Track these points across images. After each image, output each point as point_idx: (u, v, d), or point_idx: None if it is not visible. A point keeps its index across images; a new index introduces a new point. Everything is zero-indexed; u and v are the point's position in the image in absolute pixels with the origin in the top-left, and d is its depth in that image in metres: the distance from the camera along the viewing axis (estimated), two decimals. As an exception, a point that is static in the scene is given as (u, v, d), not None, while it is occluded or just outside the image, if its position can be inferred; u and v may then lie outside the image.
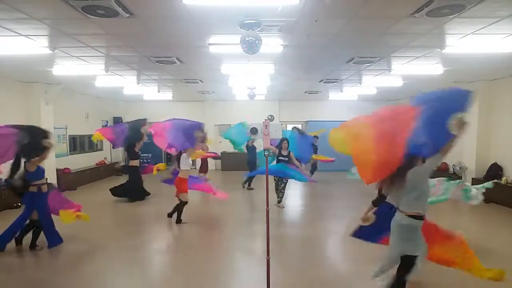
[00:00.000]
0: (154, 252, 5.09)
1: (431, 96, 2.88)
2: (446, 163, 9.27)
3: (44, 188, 4.89)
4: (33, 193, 4.76)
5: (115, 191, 8.16)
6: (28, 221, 4.87)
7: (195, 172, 8.09)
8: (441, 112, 2.74)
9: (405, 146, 2.73)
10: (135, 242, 5.41)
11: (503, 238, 5.60)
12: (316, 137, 10.07)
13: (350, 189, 9.27)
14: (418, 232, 2.97)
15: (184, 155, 6.14)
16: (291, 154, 7.09)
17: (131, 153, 8.10)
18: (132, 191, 8.10)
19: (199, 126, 6.62)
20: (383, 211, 3.36)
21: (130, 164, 8.24)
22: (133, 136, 7.90)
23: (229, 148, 11.69)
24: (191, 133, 6.30)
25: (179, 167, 6.14)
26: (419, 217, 2.92)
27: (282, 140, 7.10)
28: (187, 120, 6.81)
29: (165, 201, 7.97)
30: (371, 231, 3.61)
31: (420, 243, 2.98)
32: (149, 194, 8.40)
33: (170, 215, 6.35)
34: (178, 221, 6.18)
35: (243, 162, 10.22)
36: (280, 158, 7.11)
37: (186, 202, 6.22)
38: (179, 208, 6.20)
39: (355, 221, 5.92)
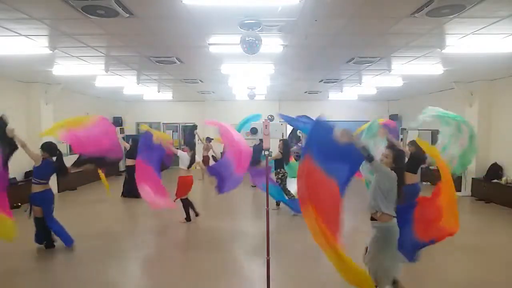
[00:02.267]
0: (154, 252, 5.10)
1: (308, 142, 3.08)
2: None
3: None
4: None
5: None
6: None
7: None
8: (322, 142, 2.90)
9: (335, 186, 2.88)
10: (135, 242, 5.42)
11: (503, 238, 5.60)
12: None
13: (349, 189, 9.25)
14: None
15: (183, 153, 6.15)
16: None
17: (128, 153, 8.19)
18: (128, 188, 8.25)
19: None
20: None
21: (126, 164, 8.33)
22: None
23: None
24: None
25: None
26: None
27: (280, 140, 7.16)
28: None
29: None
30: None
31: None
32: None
33: (187, 219, 6.35)
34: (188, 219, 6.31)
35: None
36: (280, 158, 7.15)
37: (186, 200, 6.27)
38: (186, 206, 6.31)
39: (355, 220, 5.93)
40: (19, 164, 8.00)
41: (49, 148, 4.90)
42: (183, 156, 6.13)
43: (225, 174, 5.05)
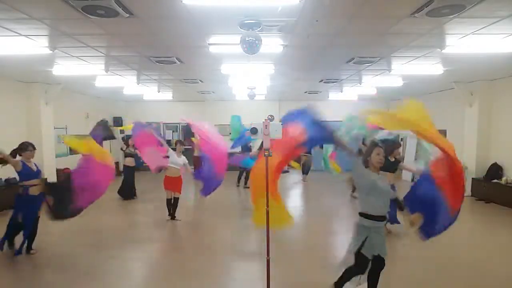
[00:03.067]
0: (153, 251, 5.09)
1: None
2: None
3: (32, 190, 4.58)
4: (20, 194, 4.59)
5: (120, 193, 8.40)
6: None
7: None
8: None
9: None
10: (135, 241, 5.42)
11: (503, 238, 5.60)
12: None
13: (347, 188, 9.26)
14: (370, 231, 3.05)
15: (172, 152, 6.22)
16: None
17: (125, 152, 8.29)
18: (124, 189, 8.34)
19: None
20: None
21: (124, 163, 8.41)
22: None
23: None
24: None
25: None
26: (369, 216, 3.05)
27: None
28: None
29: (160, 199, 7.98)
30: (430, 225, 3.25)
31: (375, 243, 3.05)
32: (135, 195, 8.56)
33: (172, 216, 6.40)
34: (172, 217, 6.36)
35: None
36: None
37: (168, 199, 6.33)
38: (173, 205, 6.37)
39: (354, 220, 5.93)
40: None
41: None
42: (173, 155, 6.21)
43: (209, 177, 5.15)
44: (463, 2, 3.51)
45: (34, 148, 4.76)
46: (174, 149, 6.38)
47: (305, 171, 10.90)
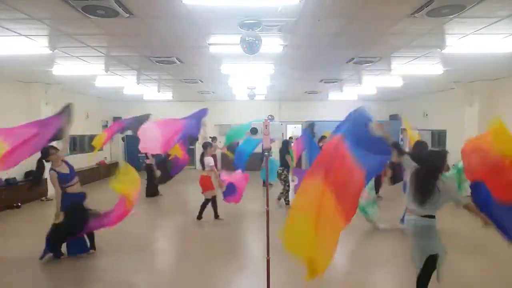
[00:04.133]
0: (155, 251, 5.09)
1: (343, 125, 3.08)
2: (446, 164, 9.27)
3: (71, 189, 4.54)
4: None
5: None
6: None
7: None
8: (358, 130, 2.93)
9: (358, 171, 2.75)
10: (135, 241, 5.42)
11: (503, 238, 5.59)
12: (324, 137, 9.95)
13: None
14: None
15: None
16: (288, 156, 7.26)
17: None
18: (147, 188, 8.40)
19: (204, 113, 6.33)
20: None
21: (146, 162, 8.49)
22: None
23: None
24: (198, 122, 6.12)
25: (203, 167, 6.30)
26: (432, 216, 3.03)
27: (285, 142, 7.34)
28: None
29: (167, 200, 7.99)
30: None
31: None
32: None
33: (199, 217, 6.39)
34: (199, 217, 6.33)
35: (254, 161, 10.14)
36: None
37: (209, 199, 6.32)
38: (204, 205, 6.36)
39: (355, 220, 5.92)
40: (19, 164, 8.01)
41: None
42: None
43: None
44: (463, 2, 3.51)
45: (57, 149, 4.55)
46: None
47: None
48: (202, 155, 6.38)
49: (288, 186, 7.44)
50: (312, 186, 2.76)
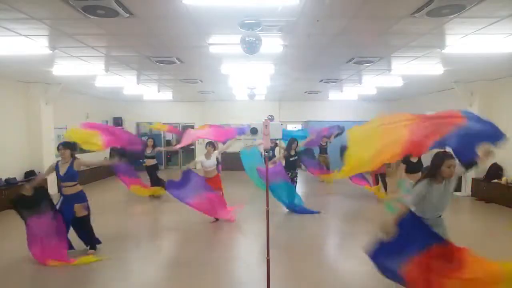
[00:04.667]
0: (154, 250, 5.09)
1: (475, 117, 2.94)
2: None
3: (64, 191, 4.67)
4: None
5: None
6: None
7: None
8: (477, 133, 2.76)
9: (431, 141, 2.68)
10: (135, 241, 5.42)
11: (503, 238, 5.60)
12: (325, 137, 9.93)
13: (350, 189, 9.26)
14: None
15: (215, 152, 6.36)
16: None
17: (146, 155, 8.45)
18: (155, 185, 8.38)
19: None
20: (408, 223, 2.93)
21: (146, 164, 8.50)
22: None
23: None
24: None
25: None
26: None
27: (292, 141, 7.26)
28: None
29: (168, 200, 7.98)
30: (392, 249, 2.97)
31: None
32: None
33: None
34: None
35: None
36: (291, 159, 7.20)
37: None
38: None
39: (355, 221, 5.93)
40: (19, 164, 8.02)
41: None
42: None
43: None
44: (463, 2, 3.51)
45: (64, 147, 4.59)
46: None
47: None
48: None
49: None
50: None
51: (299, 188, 9.94)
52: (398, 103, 13.48)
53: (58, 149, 4.61)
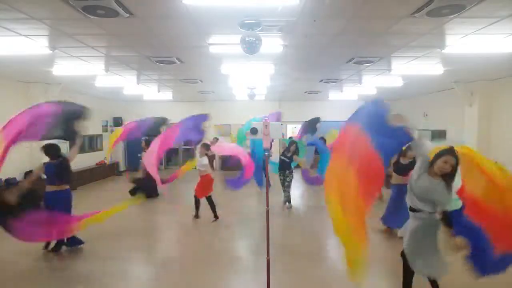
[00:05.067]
0: (154, 250, 5.09)
1: (358, 114, 3.05)
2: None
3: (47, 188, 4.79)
4: None
5: (132, 191, 8.32)
6: None
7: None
8: (375, 121, 2.85)
9: (376, 156, 2.73)
10: (135, 241, 5.42)
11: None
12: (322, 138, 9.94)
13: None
14: None
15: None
16: (295, 157, 7.25)
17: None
18: (148, 188, 8.27)
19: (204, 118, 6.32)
20: None
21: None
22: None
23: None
24: (199, 125, 6.16)
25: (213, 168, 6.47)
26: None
27: (291, 143, 7.37)
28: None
29: (166, 200, 7.98)
30: None
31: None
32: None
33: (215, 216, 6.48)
34: (215, 217, 6.45)
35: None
36: (282, 157, 7.24)
37: (209, 197, 6.44)
38: (211, 203, 6.45)
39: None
40: (19, 164, 8.01)
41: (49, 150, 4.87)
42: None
43: None
44: (463, 2, 3.51)
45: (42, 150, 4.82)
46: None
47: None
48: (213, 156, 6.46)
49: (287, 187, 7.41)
50: (337, 167, 2.82)
51: (298, 189, 9.96)
52: (398, 103, 13.48)
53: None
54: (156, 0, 3.53)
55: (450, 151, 2.96)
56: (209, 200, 6.39)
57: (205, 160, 6.31)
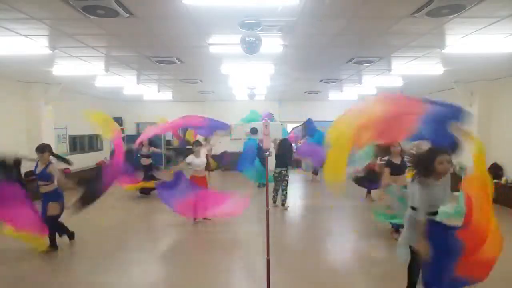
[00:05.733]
0: (153, 251, 5.09)
1: (435, 101, 2.94)
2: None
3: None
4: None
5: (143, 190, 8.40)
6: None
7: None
8: (441, 116, 2.80)
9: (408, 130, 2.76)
10: (135, 241, 5.42)
11: (504, 238, 5.59)
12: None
13: (350, 190, 9.26)
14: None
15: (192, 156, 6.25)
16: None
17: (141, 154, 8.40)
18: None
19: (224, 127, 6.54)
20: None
21: (142, 163, 8.49)
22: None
23: (228, 148, 11.70)
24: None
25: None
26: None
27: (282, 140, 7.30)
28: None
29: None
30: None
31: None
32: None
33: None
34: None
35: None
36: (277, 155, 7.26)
37: None
38: None
39: (355, 220, 5.93)
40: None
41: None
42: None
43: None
44: (463, 2, 3.51)
45: (43, 151, 4.77)
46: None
47: (315, 170, 10.81)
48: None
49: (281, 186, 7.39)
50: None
51: (298, 189, 9.96)
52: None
53: (38, 151, 4.73)
54: (156, 0, 3.53)
55: (439, 150, 2.93)
56: None
57: (204, 159, 6.30)
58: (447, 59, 6.14)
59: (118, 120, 13.23)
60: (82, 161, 10.97)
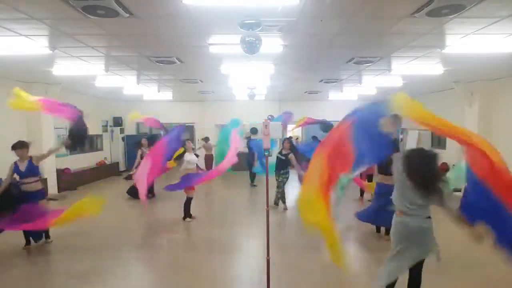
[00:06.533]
0: (154, 252, 5.09)
1: (356, 111, 3.01)
2: (446, 163, 9.27)
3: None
4: None
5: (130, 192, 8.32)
6: None
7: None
8: (368, 121, 2.84)
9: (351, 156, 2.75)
10: (135, 241, 5.42)
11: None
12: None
13: (349, 190, 9.26)
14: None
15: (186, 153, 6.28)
16: (291, 156, 7.12)
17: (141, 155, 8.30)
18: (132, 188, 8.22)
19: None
20: None
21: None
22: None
23: (227, 148, 11.69)
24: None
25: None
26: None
27: (284, 140, 7.37)
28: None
29: (167, 201, 7.99)
30: None
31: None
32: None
33: (184, 217, 6.42)
34: (185, 217, 6.35)
35: (240, 162, 10.13)
36: (278, 155, 7.22)
37: (191, 198, 6.35)
38: (186, 205, 6.34)
39: (355, 220, 5.94)
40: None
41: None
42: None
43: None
44: (463, 2, 3.51)
45: (22, 147, 4.83)
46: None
47: None
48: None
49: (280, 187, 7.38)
50: (317, 160, 2.83)
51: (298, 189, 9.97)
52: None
53: (14, 148, 4.81)
54: (156, 0, 3.53)
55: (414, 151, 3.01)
56: (188, 200, 6.35)
57: (193, 157, 6.33)
58: (447, 59, 6.14)
59: (118, 120, 13.24)
60: (82, 161, 10.98)
